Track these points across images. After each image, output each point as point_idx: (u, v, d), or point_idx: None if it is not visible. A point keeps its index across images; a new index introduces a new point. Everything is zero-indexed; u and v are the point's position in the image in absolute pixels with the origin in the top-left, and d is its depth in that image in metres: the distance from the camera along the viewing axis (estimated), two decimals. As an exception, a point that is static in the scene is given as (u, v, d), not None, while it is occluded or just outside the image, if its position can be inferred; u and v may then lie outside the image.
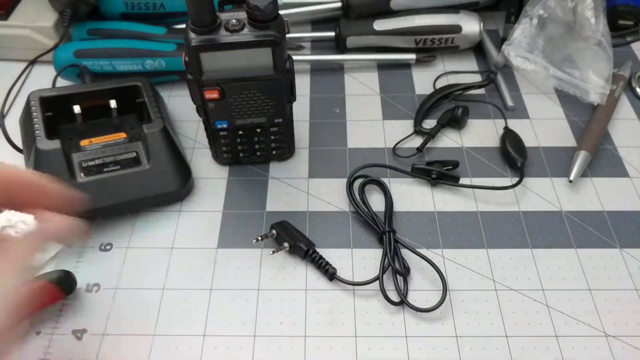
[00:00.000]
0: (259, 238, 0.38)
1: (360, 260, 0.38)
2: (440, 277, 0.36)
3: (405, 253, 0.38)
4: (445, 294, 0.36)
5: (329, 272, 0.37)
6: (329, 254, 0.39)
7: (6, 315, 0.23)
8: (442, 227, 0.40)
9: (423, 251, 0.38)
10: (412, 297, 0.36)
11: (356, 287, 0.37)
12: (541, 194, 0.43)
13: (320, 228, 0.40)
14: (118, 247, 0.39)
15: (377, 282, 0.36)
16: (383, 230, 0.39)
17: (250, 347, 0.34)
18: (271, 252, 0.38)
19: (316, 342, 0.35)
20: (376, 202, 0.42)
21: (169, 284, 0.37)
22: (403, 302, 0.36)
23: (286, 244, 0.38)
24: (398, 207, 0.42)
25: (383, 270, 0.37)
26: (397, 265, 0.37)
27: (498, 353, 0.34)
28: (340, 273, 0.37)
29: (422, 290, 0.37)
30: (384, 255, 0.37)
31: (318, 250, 0.38)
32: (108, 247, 0.39)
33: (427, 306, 0.35)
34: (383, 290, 0.36)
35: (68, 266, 0.38)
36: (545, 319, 0.35)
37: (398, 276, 0.37)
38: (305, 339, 0.35)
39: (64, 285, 0.36)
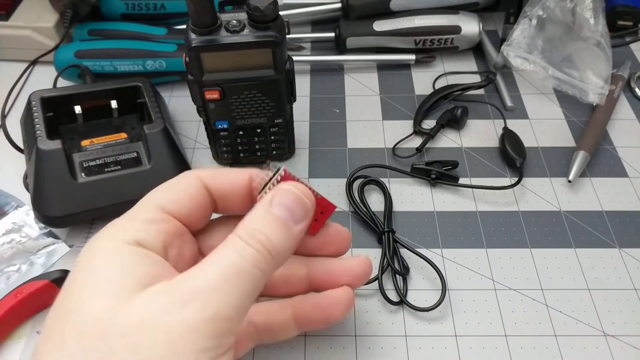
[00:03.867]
0: None
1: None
2: (439, 276, 0.36)
3: (404, 253, 0.38)
4: (445, 293, 0.36)
5: None
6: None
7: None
8: (442, 226, 0.41)
9: (422, 251, 0.39)
10: (412, 297, 0.37)
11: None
12: (540, 194, 0.43)
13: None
14: (119, 246, 0.39)
15: (377, 282, 0.37)
16: (382, 230, 0.39)
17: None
18: None
19: (316, 341, 0.35)
20: (375, 202, 0.42)
21: (169, 283, 0.37)
22: (402, 302, 0.36)
23: None
24: (397, 207, 0.42)
25: (382, 270, 0.37)
26: (396, 265, 0.37)
27: (497, 352, 0.34)
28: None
29: (421, 290, 0.37)
30: (383, 255, 0.37)
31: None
32: (109, 246, 0.40)
33: (426, 306, 0.35)
34: (382, 290, 0.36)
35: (69, 266, 0.38)
36: (544, 318, 0.36)
37: (397, 276, 0.37)
38: (305, 338, 0.35)
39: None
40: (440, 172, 0.42)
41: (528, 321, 0.36)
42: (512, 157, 0.44)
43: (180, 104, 0.50)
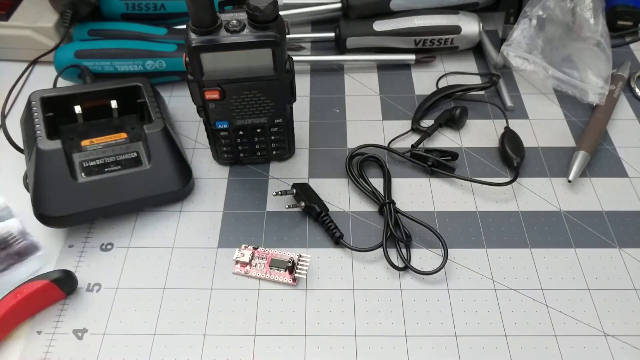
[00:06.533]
0: (279, 192, 0.41)
1: (360, 259, 0.39)
2: (439, 240, 0.38)
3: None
4: (446, 256, 0.37)
5: (335, 235, 0.39)
6: (328, 254, 0.39)
7: None
8: (441, 227, 0.41)
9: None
10: (413, 267, 0.37)
11: (360, 253, 0.39)
12: (540, 193, 0.43)
13: (320, 228, 0.40)
14: (119, 246, 0.40)
15: (381, 248, 0.38)
16: (383, 202, 0.40)
17: (251, 347, 0.35)
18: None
19: (316, 341, 0.35)
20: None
21: (169, 283, 0.38)
22: (407, 267, 0.37)
23: (302, 203, 0.40)
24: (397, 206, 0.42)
25: (386, 238, 0.38)
26: (398, 233, 0.39)
27: (497, 352, 0.34)
28: (338, 272, 0.38)
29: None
30: (386, 225, 0.39)
31: (316, 248, 0.39)
32: (109, 246, 0.40)
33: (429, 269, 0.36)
34: (387, 257, 0.37)
35: (69, 266, 0.38)
36: (544, 318, 0.36)
37: (400, 243, 0.38)
38: (305, 338, 0.35)
39: (64, 285, 0.36)
40: (438, 161, 0.43)
41: (528, 321, 0.36)
42: (510, 156, 0.44)
43: (180, 104, 0.50)
